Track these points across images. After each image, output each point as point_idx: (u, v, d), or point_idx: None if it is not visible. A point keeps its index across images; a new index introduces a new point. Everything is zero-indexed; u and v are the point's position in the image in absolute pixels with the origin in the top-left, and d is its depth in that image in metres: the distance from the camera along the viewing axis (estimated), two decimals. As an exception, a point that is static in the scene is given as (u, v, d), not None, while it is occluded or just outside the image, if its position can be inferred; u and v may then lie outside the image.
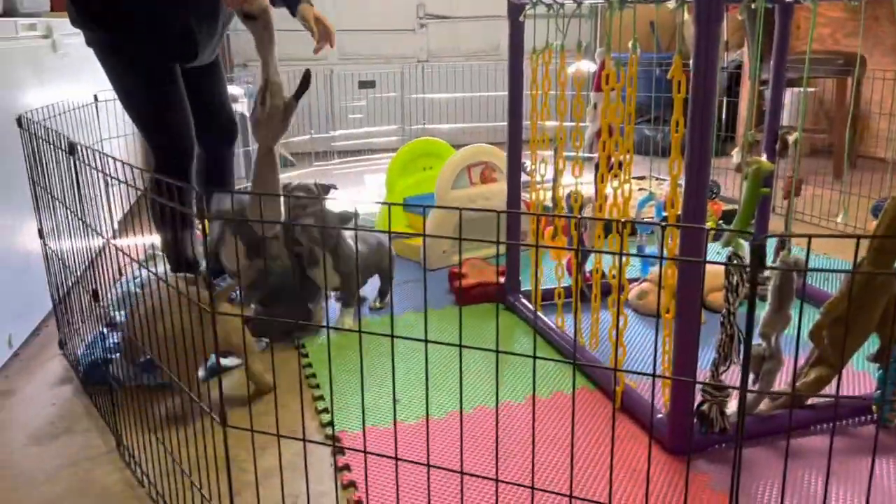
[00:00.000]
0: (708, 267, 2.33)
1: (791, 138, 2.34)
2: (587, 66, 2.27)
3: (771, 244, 2.61)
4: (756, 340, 1.56)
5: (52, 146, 1.61)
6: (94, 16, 2.03)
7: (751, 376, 1.58)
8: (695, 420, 1.53)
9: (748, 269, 1.44)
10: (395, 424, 1.24)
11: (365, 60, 4.57)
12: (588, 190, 2.07)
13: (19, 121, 1.84)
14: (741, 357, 1.51)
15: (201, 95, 2.22)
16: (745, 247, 1.50)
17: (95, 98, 2.59)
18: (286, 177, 2.46)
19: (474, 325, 2.18)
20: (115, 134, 2.85)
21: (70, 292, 1.87)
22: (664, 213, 2.17)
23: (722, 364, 1.51)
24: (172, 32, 2.05)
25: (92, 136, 2.61)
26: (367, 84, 3.92)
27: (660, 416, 1.59)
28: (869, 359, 1.60)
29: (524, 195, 2.34)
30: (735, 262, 1.47)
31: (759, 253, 0.77)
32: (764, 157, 2.41)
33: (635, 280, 2.35)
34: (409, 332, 2.13)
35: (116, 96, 2.15)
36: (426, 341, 0.96)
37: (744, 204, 1.95)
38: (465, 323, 2.19)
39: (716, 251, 2.10)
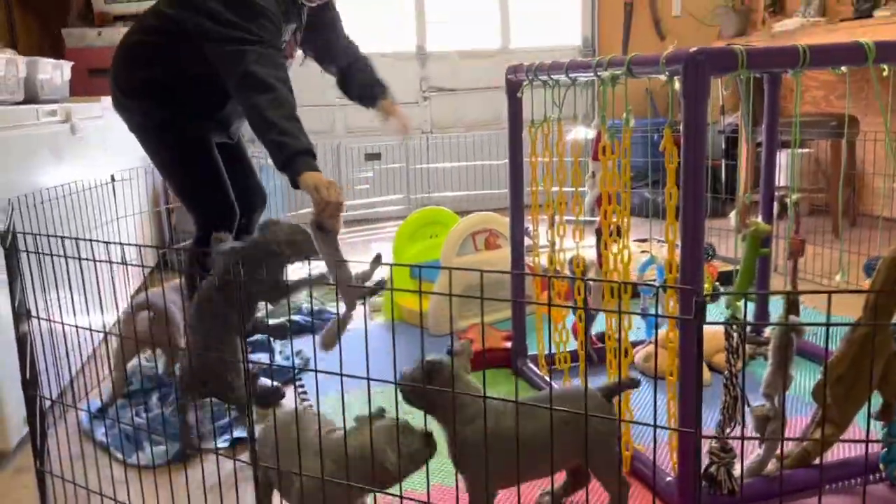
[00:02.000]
0: (713, 329, 2.37)
1: (789, 200, 2.40)
2: (584, 134, 2.36)
3: (775, 305, 2.65)
4: (760, 401, 1.59)
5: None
6: (135, 90, 2.20)
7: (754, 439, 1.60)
8: (703, 482, 1.54)
9: (747, 332, 1.48)
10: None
11: (371, 133, 4.71)
12: (590, 254, 2.12)
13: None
14: (746, 418, 1.54)
15: (237, 163, 2.38)
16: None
17: (112, 178, 2.69)
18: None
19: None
20: (130, 212, 2.95)
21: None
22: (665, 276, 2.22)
23: (727, 425, 1.53)
24: (210, 103, 2.20)
25: (108, 213, 2.70)
26: (373, 156, 4.04)
27: (669, 479, 1.61)
28: (873, 417, 1.62)
29: (527, 260, 2.40)
30: (733, 325, 1.51)
31: (700, 309, 0.83)
32: (760, 219, 2.48)
33: (641, 343, 2.38)
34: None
35: (159, 172, 2.32)
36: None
37: (744, 266, 2.00)
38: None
39: (719, 312, 2.14)
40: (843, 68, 1.56)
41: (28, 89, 2.55)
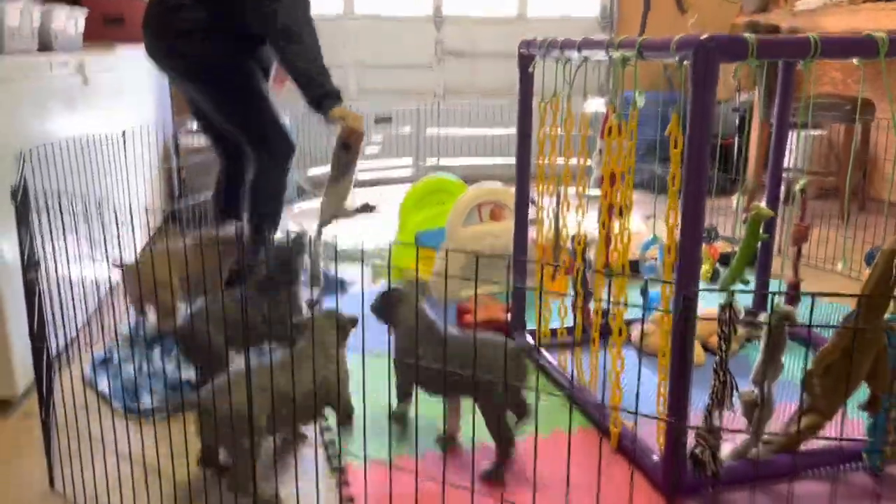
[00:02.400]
0: (702, 311, 2.39)
1: (797, 186, 2.39)
2: (596, 107, 2.36)
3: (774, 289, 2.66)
4: (750, 387, 1.61)
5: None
6: (191, 34, 2.43)
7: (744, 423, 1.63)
8: (689, 463, 1.58)
9: (739, 320, 1.50)
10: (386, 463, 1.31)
11: (382, 96, 4.69)
12: (593, 231, 2.13)
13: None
14: (734, 404, 1.57)
15: None
16: (738, 298, 1.56)
17: (123, 133, 2.70)
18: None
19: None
20: (140, 167, 2.97)
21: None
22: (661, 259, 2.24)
23: (715, 409, 1.56)
24: (253, 44, 2.48)
25: (118, 168, 2.73)
26: (383, 119, 4.03)
27: (655, 458, 1.64)
28: (860, 408, 1.65)
29: (532, 232, 2.41)
30: (727, 312, 1.52)
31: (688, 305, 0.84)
32: (764, 203, 2.49)
33: (638, 320, 2.40)
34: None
35: (224, 113, 2.54)
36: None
37: (741, 249, 2.01)
38: (471, 359, 2.25)
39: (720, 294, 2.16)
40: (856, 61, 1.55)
41: (42, 38, 2.55)
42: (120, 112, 3.06)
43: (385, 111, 4.13)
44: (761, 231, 1.97)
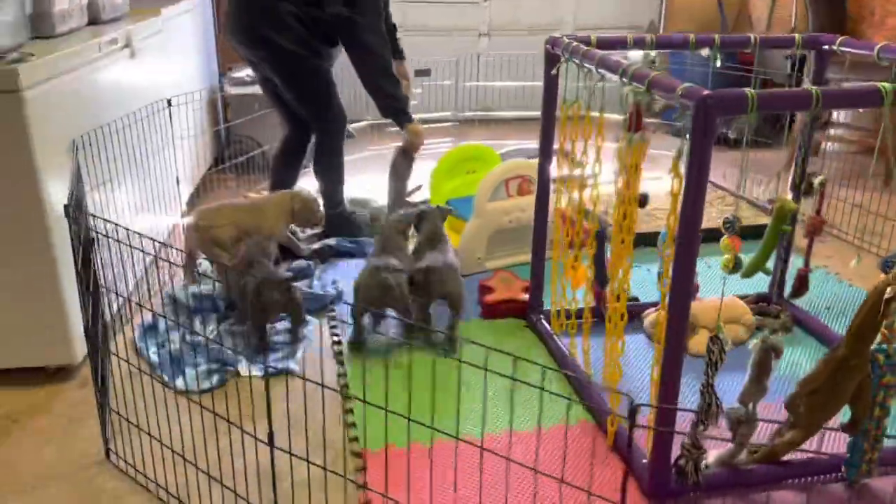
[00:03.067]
0: (714, 300, 2.47)
1: (816, 180, 2.42)
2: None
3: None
4: (736, 405, 1.73)
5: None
6: (282, 26, 2.87)
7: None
8: (673, 471, 1.72)
9: (725, 351, 1.61)
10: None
11: (424, 37, 4.70)
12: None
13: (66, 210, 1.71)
14: (719, 422, 1.69)
15: None
16: (723, 328, 1.65)
17: (169, 102, 2.83)
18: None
19: (494, 343, 2.38)
20: (186, 135, 3.11)
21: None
22: None
23: (700, 425, 1.68)
24: (327, 42, 2.99)
25: (165, 136, 2.87)
26: (422, 72, 4.06)
27: (644, 461, 1.79)
28: (841, 428, 1.75)
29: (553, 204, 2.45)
30: (718, 342, 1.63)
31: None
32: (790, 196, 2.52)
33: (654, 305, 2.50)
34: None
35: (296, 95, 3.03)
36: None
37: (765, 241, 2.08)
38: (486, 339, 2.39)
39: (737, 281, 2.22)
40: None
41: (91, 12, 2.66)
42: (166, 72, 3.18)
43: (424, 65, 4.15)
44: (786, 223, 2.04)
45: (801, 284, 2.43)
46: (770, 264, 2.11)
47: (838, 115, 4.74)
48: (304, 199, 2.81)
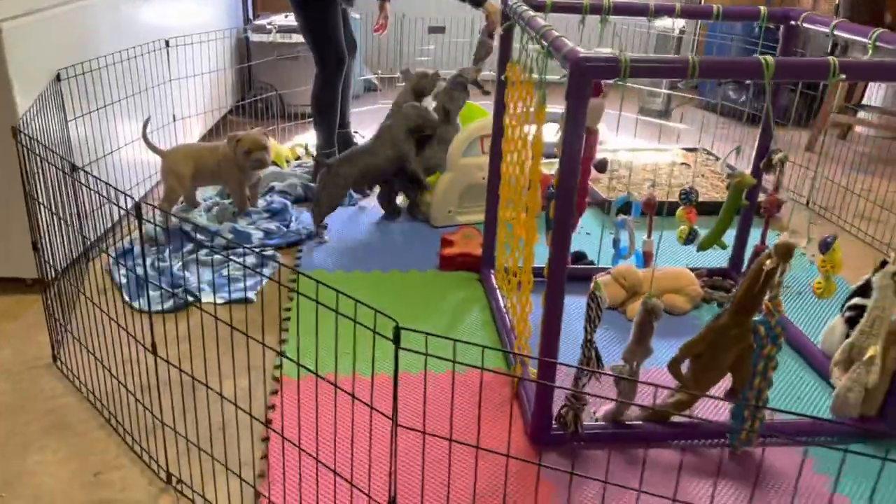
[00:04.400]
0: (664, 270, 2.50)
1: (776, 157, 2.41)
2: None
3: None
4: (620, 362, 1.79)
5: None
6: None
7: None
8: (554, 421, 1.80)
9: (602, 308, 1.67)
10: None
11: (436, 5, 4.73)
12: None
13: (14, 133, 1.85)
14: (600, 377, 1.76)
15: (344, 22, 3.39)
16: (602, 286, 1.71)
17: (167, 43, 2.99)
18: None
19: (441, 294, 2.49)
20: (185, 75, 3.27)
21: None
22: (640, 213, 2.35)
23: (582, 379, 1.76)
24: None
25: (163, 76, 3.04)
26: (437, 29, 4.11)
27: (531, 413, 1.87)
28: (723, 397, 1.79)
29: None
30: (596, 299, 1.69)
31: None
32: (748, 171, 2.50)
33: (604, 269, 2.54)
34: (383, 291, 2.48)
35: (303, 30, 3.28)
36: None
37: (721, 215, 2.12)
38: (437, 290, 2.50)
39: (694, 253, 2.24)
40: None
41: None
42: (171, 14, 3.33)
43: (439, 22, 4.21)
44: (743, 198, 2.07)
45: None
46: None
47: (872, 98, 4.58)
48: (243, 139, 2.82)
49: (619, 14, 2.26)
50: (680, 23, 4.51)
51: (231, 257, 2.59)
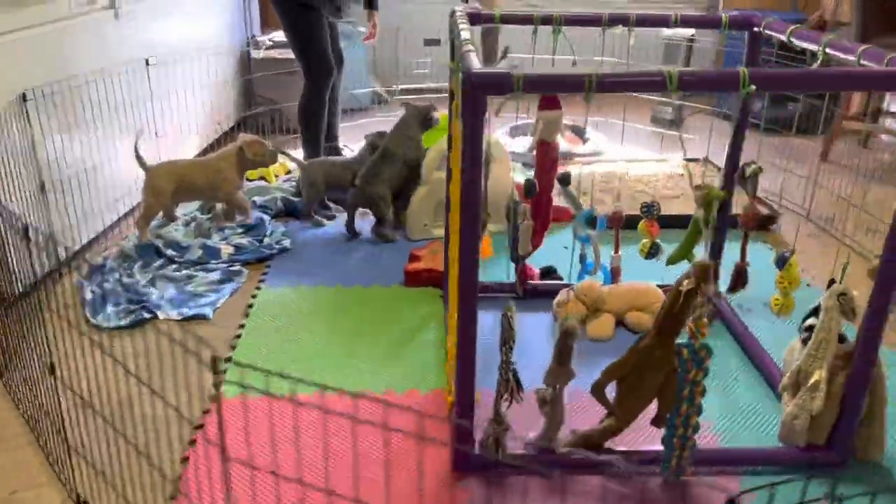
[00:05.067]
0: (630, 286, 2.41)
1: (750, 169, 2.31)
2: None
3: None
4: (542, 386, 1.73)
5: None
6: None
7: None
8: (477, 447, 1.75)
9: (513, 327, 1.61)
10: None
11: (431, 18, 4.69)
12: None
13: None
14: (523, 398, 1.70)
15: (332, 36, 3.42)
16: (514, 307, 1.65)
17: (147, 62, 3.05)
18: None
19: (399, 310, 2.45)
20: (166, 92, 3.32)
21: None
22: (603, 228, 2.29)
23: (500, 402, 1.70)
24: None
25: (143, 94, 3.09)
26: (432, 42, 4.09)
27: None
28: (651, 422, 1.71)
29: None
30: (506, 319, 1.63)
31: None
32: (717, 184, 2.40)
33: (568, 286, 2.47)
34: (339, 308, 2.46)
35: (290, 41, 3.32)
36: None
37: (690, 228, 2.06)
38: (395, 307, 2.46)
39: (664, 268, 2.17)
40: None
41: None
42: (155, 31, 3.38)
43: (434, 34, 4.18)
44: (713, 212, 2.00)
45: (738, 278, 2.33)
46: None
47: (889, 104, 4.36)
48: (248, 142, 2.94)
49: (569, 25, 2.20)
50: (688, 32, 4.39)
51: (194, 272, 2.61)
